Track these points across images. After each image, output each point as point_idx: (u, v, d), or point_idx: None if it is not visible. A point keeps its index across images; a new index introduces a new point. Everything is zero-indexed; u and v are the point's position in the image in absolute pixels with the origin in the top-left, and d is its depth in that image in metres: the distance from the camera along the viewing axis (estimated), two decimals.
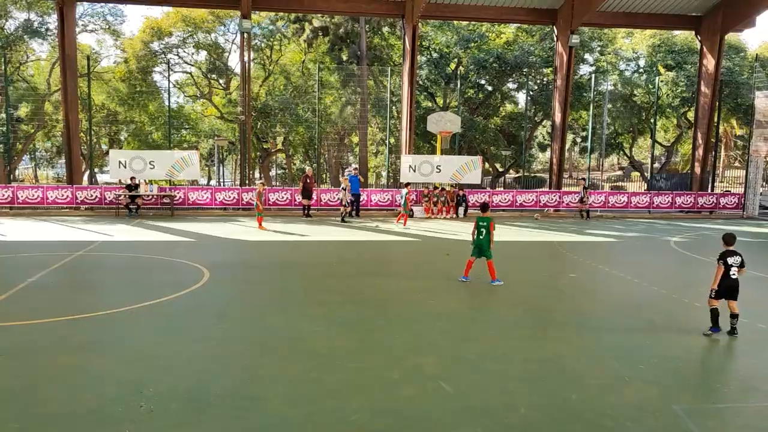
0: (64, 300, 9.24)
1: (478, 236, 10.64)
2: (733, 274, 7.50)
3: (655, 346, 7.17)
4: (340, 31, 35.82)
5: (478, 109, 39.37)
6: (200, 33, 37.91)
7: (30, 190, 24.03)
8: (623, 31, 41.62)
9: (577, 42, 27.57)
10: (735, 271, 7.50)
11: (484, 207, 11.22)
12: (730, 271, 7.50)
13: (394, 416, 5.16)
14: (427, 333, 7.69)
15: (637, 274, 11.92)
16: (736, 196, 27.98)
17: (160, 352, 6.75)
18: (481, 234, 10.60)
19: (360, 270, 12.35)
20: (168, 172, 24.40)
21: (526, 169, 34.72)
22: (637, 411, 5.30)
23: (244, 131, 26.46)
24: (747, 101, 33.94)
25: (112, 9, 36.93)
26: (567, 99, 27.86)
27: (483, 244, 10.62)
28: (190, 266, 12.05)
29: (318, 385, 5.80)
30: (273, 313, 8.65)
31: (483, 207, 11.26)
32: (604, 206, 26.96)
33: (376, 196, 25.69)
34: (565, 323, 8.26)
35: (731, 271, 7.50)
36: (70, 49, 24.49)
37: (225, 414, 5.13)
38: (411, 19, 25.87)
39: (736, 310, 7.52)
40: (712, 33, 27.57)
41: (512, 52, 36.58)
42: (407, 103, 26.58)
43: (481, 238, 10.60)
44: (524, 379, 6.05)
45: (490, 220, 10.63)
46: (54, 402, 5.35)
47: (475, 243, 10.70)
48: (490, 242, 10.65)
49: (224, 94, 40.81)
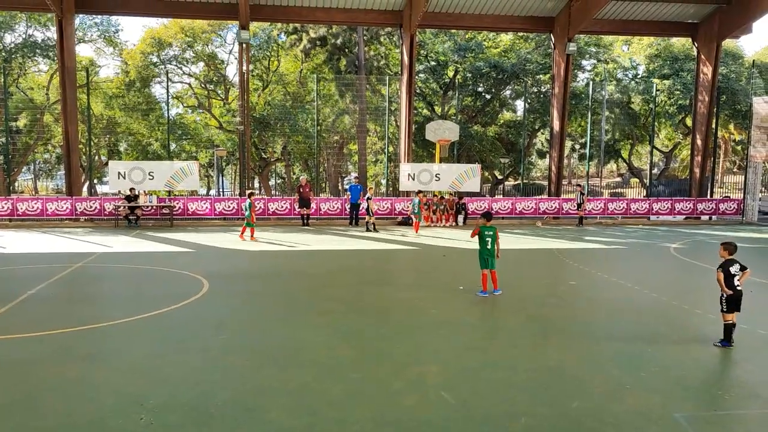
0: (64, 312, 9.22)
1: (484, 246, 10.30)
2: (738, 285, 7.37)
3: (656, 354, 7.15)
4: (338, 41, 35.95)
5: (477, 117, 39.47)
6: (199, 44, 38.05)
7: (30, 202, 24.04)
8: (621, 40, 41.84)
9: (574, 50, 27.69)
10: (738, 281, 7.35)
11: (487, 216, 10.58)
12: (734, 282, 7.36)
13: (396, 426, 5.14)
14: (428, 342, 7.67)
15: (638, 280, 11.91)
16: (735, 202, 28.01)
17: (160, 363, 6.73)
18: (487, 244, 10.26)
19: (360, 279, 12.34)
20: (167, 182, 24.42)
21: (525, 176, 34.74)
22: (638, 419, 5.29)
23: (243, 141, 26.51)
24: (744, 107, 34.06)
25: (108, 20, 37.11)
26: (565, 106, 27.95)
27: (491, 254, 10.31)
28: (189, 277, 12.03)
29: (319, 396, 5.78)
30: (273, 323, 8.63)
31: (486, 216, 10.59)
32: (603, 212, 26.98)
33: (376, 204, 25.69)
34: (566, 331, 8.24)
35: (735, 281, 7.35)
36: (70, 61, 24.58)
37: (226, 425, 5.11)
38: (409, 28, 26.00)
39: (735, 320, 7.49)
40: (709, 40, 27.70)
41: (509, 60, 36.71)
42: (405, 112, 26.65)
43: (488, 249, 10.27)
44: (526, 388, 6.03)
45: (496, 230, 10.35)
46: (54, 414, 5.33)
47: (483, 254, 10.34)
48: (496, 252, 10.37)
49: (223, 105, 40.92)
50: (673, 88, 35.70)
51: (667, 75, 36.73)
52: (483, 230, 10.35)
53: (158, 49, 37.08)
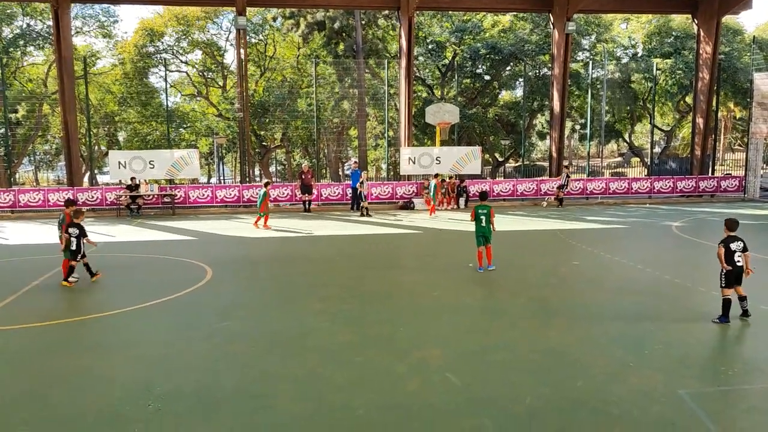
0: (69, 302, 9.28)
1: (479, 225, 10.88)
2: (738, 261, 7.49)
3: (659, 332, 7.19)
4: (336, 25, 35.66)
5: (476, 98, 39.27)
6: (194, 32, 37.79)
7: (31, 194, 24.05)
8: (620, 18, 41.47)
9: (574, 29, 27.46)
10: (739, 257, 7.50)
11: (482, 195, 11.52)
12: (734, 258, 7.50)
13: (401, 409, 5.19)
14: (431, 326, 7.71)
15: (640, 259, 11.93)
16: (736, 179, 27.93)
17: (167, 351, 6.78)
18: (482, 222, 10.84)
19: (363, 264, 12.37)
20: (168, 171, 24.40)
21: (525, 158, 34.64)
22: (642, 397, 5.33)
23: (242, 128, 26.44)
24: (745, 84, 33.82)
25: (105, 9, 36.83)
26: (565, 87, 27.77)
27: (486, 232, 10.88)
28: (192, 264, 12.07)
29: (324, 381, 5.83)
30: (277, 309, 8.68)
31: (482, 195, 11.58)
32: (605, 192, 26.93)
33: (377, 189, 25.67)
34: (569, 311, 8.27)
35: (735, 257, 7.50)
36: (66, 51, 24.42)
37: (233, 412, 5.17)
38: (407, 11, 25.74)
39: (743, 292, 7.58)
40: (709, 16, 27.42)
41: (508, 41, 36.43)
42: (405, 95, 26.51)
43: (483, 226, 10.85)
44: (529, 369, 6.08)
45: (490, 208, 10.93)
46: (63, 404, 5.39)
47: (478, 232, 10.94)
48: (491, 229, 10.89)
49: (221, 93, 40.74)
50: (675, 68, 35.42)
51: (668, 53, 36.44)
52: (477, 209, 10.97)
53: (153, 39, 36.82)
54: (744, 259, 7.51)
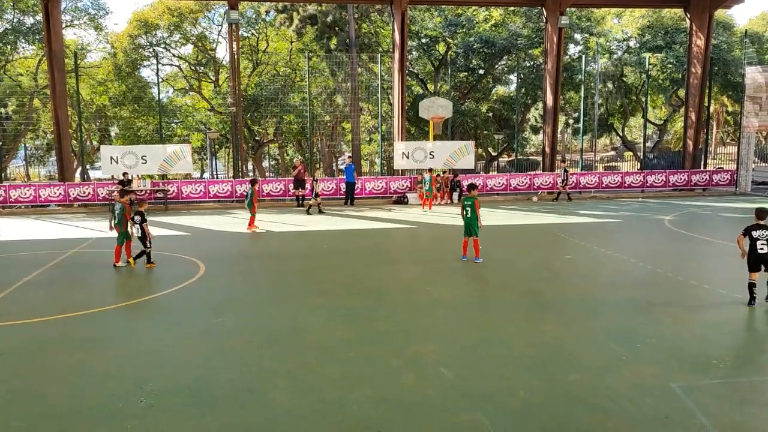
0: (61, 298, 9.22)
1: (465, 215, 11.26)
2: (761, 248, 7.68)
3: (651, 326, 7.22)
4: (328, 19, 35.53)
5: (470, 93, 39.24)
6: (187, 25, 37.52)
7: (22, 189, 23.90)
8: (612, 13, 41.50)
9: (567, 23, 27.47)
10: (762, 245, 7.68)
11: (469, 187, 11.80)
12: (757, 245, 7.71)
13: (396, 404, 5.20)
14: (426, 320, 7.72)
15: (633, 253, 11.98)
16: (728, 173, 28.07)
17: (160, 347, 6.76)
18: (467, 213, 11.18)
19: (357, 259, 12.36)
20: (160, 166, 24.27)
21: (519, 152, 34.67)
22: (635, 391, 5.36)
23: (235, 123, 26.33)
24: (737, 78, 33.95)
25: (94, 1, 36.59)
26: (558, 81, 27.79)
27: (471, 222, 11.20)
28: (185, 260, 12.04)
29: (319, 376, 5.83)
30: (271, 304, 8.66)
31: (468, 187, 11.89)
32: (598, 186, 27.01)
33: (370, 184, 25.65)
34: (563, 306, 8.30)
35: (758, 245, 7.70)
36: (57, 46, 24.23)
37: (227, 407, 5.16)
38: (400, 4, 25.69)
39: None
40: (701, 10, 27.50)
41: (500, 35, 36.39)
42: (398, 90, 26.46)
43: (468, 216, 11.19)
44: (523, 364, 6.10)
45: (475, 199, 11.24)
46: (56, 400, 5.36)
47: (465, 222, 11.31)
48: (477, 220, 11.16)
49: (213, 87, 40.50)
50: (666, 62, 35.52)
51: (660, 47, 36.51)
52: (464, 201, 11.33)
53: (145, 31, 36.54)
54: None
